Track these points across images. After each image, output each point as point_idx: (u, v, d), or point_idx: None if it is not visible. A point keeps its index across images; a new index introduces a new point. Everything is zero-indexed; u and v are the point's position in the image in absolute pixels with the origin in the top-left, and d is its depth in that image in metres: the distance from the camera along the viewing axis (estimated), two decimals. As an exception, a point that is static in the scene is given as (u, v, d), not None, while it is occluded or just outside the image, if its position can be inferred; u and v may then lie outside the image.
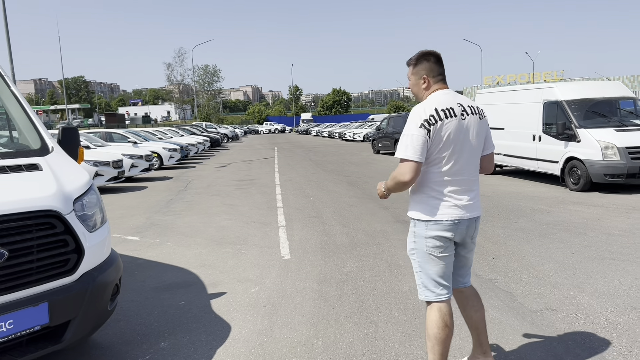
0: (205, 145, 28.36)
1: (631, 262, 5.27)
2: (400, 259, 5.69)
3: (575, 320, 3.86)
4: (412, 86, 2.86)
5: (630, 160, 9.51)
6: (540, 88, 11.91)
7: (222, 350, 3.55)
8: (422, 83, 2.80)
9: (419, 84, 2.81)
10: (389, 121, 23.03)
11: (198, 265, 5.73)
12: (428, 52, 2.82)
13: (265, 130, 73.84)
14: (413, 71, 2.84)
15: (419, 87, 2.82)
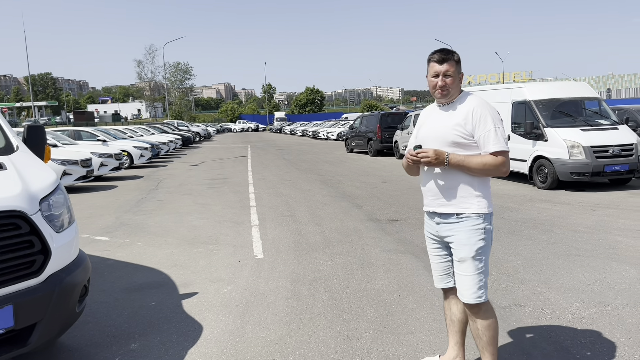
0: (176, 144, 28.05)
1: (595, 258, 5.43)
2: (372, 257, 5.73)
3: (542, 316, 3.96)
4: (453, 80, 2.71)
5: (595, 159, 9.78)
6: (509, 88, 12.15)
7: (194, 350, 3.52)
8: (460, 80, 2.79)
9: (458, 80, 2.76)
10: (362, 120, 23.14)
11: (169, 265, 5.67)
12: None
13: (238, 129, 73.33)
14: (457, 67, 2.75)
15: (457, 83, 2.75)
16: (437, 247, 2.92)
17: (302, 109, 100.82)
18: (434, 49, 2.82)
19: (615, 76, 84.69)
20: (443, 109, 2.83)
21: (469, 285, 2.71)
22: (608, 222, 7.13)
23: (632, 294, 4.36)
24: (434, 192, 2.80)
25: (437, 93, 2.77)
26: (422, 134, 2.87)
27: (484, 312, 2.76)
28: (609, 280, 4.71)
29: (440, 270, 2.94)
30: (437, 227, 2.83)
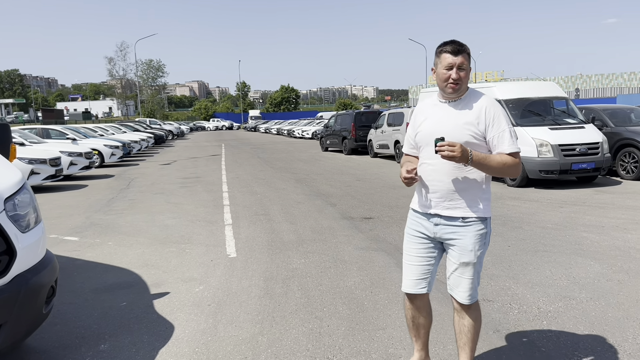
0: (149, 142, 27.67)
1: (562, 254, 5.57)
2: (345, 255, 5.77)
3: (510, 310, 4.05)
4: (466, 74, 2.56)
5: (563, 157, 10.02)
6: (479, 88, 12.33)
7: (165, 350, 3.50)
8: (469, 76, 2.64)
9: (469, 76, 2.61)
10: (336, 119, 23.20)
11: (140, 265, 5.60)
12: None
13: (212, 127, 72.72)
14: (469, 61, 2.61)
15: (468, 78, 2.60)
16: (425, 247, 2.74)
17: (277, 108, 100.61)
18: (444, 41, 2.63)
19: (584, 76, 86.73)
20: (451, 105, 2.66)
21: (467, 288, 2.70)
22: (574, 219, 7.31)
23: (596, 288, 4.49)
24: (441, 193, 2.63)
25: (449, 87, 2.58)
26: (427, 130, 2.66)
27: (474, 310, 2.79)
28: (574, 275, 4.84)
29: (418, 274, 2.76)
30: (434, 228, 2.69)
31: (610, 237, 6.22)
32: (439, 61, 2.60)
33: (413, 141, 2.82)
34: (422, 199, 2.73)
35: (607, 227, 6.71)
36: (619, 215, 7.47)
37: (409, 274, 2.80)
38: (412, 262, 2.78)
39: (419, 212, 2.78)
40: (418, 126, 2.75)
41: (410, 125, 2.87)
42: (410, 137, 2.85)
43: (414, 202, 2.83)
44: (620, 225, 6.82)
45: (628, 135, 11.12)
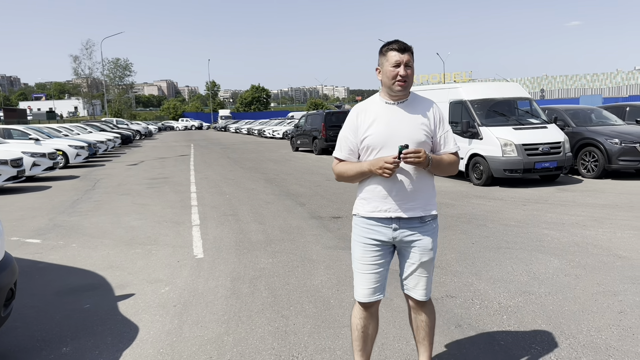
0: (115, 143, 27.16)
1: (523, 250, 5.72)
2: (313, 254, 5.80)
3: (472, 306, 4.15)
4: (412, 72, 2.58)
5: (526, 157, 10.27)
6: (446, 88, 12.54)
7: (129, 352, 3.47)
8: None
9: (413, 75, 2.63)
10: (306, 119, 23.23)
11: (105, 267, 5.52)
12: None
13: (181, 127, 71.80)
14: (414, 59, 2.61)
15: (413, 78, 2.62)
16: (380, 254, 2.68)
17: (248, 107, 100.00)
18: (388, 41, 2.64)
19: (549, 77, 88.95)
20: (400, 106, 2.63)
21: (426, 285, 2.75)
22: (537, 216, 7.52)
23: (554, 283, 4.64)
24: (402, 195, 2.59)
25: (397, 85, 2.55)
26: (381, 132, 2.58)
27: (429, 304, 2.85)
28: (534, 271, 4.99)
29: (374, 281, 2.70)
30: (394, 233, 2.63)
31: (570, 233, 6.42)
32: (385, 60, 2.58)
33: (355, 145, 2.67)
34: (379, 203, 2.62)
35: (567, 224, 6.92)
36: (579, 212, 7.71)
37: (365, 282, 2.71)
38: (368, 271, 2.69)
39: (373, 218, 2.65)
40: (366, 129, 2.62)
41: (350, 128, 2.69)
42: (351, 141, 2.68)
43: (364, 209, 2.67)
44: (579, 222, 7.05)
45: (589, 135, 11.47)
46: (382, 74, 2.62)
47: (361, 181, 2.70)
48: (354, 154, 2.69)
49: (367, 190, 2.65)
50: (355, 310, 2.83)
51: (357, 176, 2.64)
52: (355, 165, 2.63)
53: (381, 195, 2.61)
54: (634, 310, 3.95)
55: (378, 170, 2.49)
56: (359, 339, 2.84)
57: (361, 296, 2.73)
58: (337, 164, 2.74)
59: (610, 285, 4.52)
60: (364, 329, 2.81)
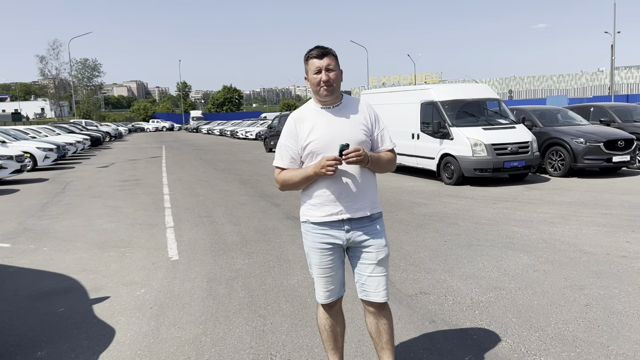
0: (85, 144, 26.68)
1: (494, 247, 5.88)
2: (289, 254, 5.85)
3: (445, 302, 4.26)
4: (336, 75, 2.62)
5: (495, 156, 10.51)
6: (418, 89, 12.72)
7: (106, 354, 3.46)
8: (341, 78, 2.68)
9: (340, 78, 2.67)
10: (280, 120, 23.23)
11: (78, 270, 5.46)
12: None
13: (152, 128, 70.81)
14: (337, 62, 2.66)
15: (340, 80, 2.66)
16: (335, 256, 2.73)
17: (220, 108, 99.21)
18: (309, 48, 2.66)
19: (517, 78, 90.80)
20: (333, 110, 2.68)
21: (384, 284, 2.73)
22: (506, 214, 7.72)
23: (524, 278, 4.79)
24: (350, 197, 2.63)
25: (323, 90, 2.59)
26: (324, 136, 2.61)
27: (388, 308, 2.82)
28: (504, 267, 5.13)
29: (334, 282, 2.76)
30: (346, 235, 2.67)
31: (538, 230, 6.62)
32: (308, 67, 2.63)
33: (296, 153, 2.68)
34: (329, 207, 2.64)
35: (536, 222, 7.13)
36: (547, 210, 7.94)
37: (325, 285, 2.76)
38: (327, 274, 2.73)
39: (325, 223, 2.67)
40: (307, 135, 2.63)
41: (289, 136, 2.69)
42: (291, 149, 2.68)
43: (314, 215, 2.69)
44: (547, 219, 7.26)
45: (555, 135, 11.80)
46: (309, 82, 2.66)
47: (307, 188, 2.69)
48: (295, 162, 2.69)
49: (316, 195, 2.66)
50: (320, 312, 2.89)
51: (302, 182, 2.64)
52: (300, 171, 2.64)
53: (331, 199, 2.63)
54: (599, 303, 4.12)
55: (322, 170, 2.51)
56: (329, 339, 2.90)
57: (324, 298, 2.79)
58: (279, 173, 2.72)
59: (576, 279, 4.70)
60: (332, 328, 2.88)
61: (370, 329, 2.84)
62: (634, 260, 5.18)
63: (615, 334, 3.54)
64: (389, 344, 2.83)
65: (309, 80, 2.66)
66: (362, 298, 2.79)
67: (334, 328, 2.88)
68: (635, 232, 6.34)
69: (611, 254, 5.43)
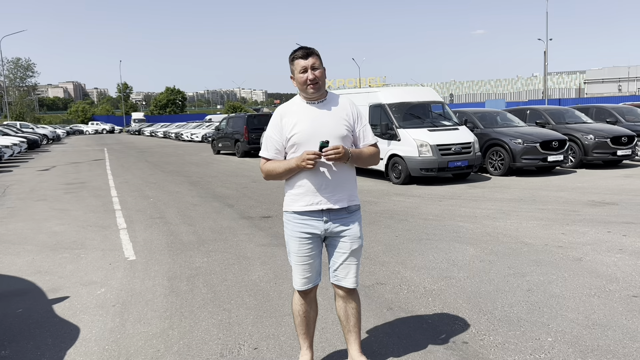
0: (22, 147, 25.51)
1: (442, 241, 6.22)
2: (247, 251, 5.96)
3: (400, 291, 4.51)
4: (321, 73, 2.79)
5: (440, 156, 10.98)
6: (366, 92, 13.10)
7: (73, 350, 3.47)
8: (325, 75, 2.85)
9: (324, 75, 2.84)
10: (228, 121, 23.12)
11: (32, 272, 5.35)
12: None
13: (91, 131, 68.45)
14: (321, 61, 2.82)
15: (324, 77, 2.83)
16: (313, 245, 2.89)
17: (163, 110, 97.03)
18: (293, 49, 2.83)
19: (457, 82, 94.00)
20: (318, 105, 2.84)
21: (354, 272, 2.94)
22: (452, 211, 8.12)
23: (471, 268, 5.12)
24: (331, 187, 2.79)
25: (310, 88, 2.76)
26: (306, 129, 2.76)
27: (357, 294, 3.04)
28: (453, 259, 5.46)
29: (310, 270, 2.92)
30: (325, 225, 2.83)
31: (482, 225, 7.03)
32: (294, 68, 2.79)
33: (280, 144, 2.84)
34: (310, 197, 2.80)
35: (480, 217, 7.56)
36: (489, 206, 8.41)
37: (302, 272, 2.92)
38: (304, 262, 2.90)
39: (304, 212, 2.83)
40: (291, 128, 2.79)
41: (275, 128, 2.86)
42: (276, 140, 2.85)
43: (295, 204, 2.86)
44: (490, 215, 7.71)
45: (495, 136, 12.45)
46: (295, 81, 2.83)
47: (289, 178, 2.86)
48: (280, 153, 2.86)
49: (298, 185, 2.82)
50: (296, 298, 3.05)
51: (285, 173, 2.81)
52: (284, 163, 2.81)
53: (312, 190, 2.79)
54: (539, 288, 4.49)
55: (302, 163, 2.68)
56: (302, 324, 3.07)
57: (300, 285, 2.95)
58: (264, 163, 2.90)
59: (519, 268, 5.07)
60: (305, 314, 3.04)
61: (339, 312, 3.05)
62: (568, 250, 5.64)
63: (555, 314, 3.90)
64: (356, 327, 3.05)
65: (295, 80, 2.82)
66: (333, 282, 2.99)
67: (307, 314, 3.05)
68: (569, 225, 6.86)
69: (549, 245, 5.88)
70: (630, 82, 74.47)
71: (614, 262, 5.13)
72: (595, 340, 3.41)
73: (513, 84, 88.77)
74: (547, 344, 3.40)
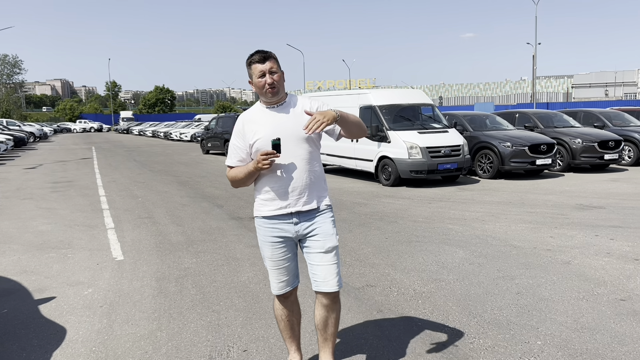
0: (8, 145, 25.20)
1: (431, 243, 6.23)
2: (237, 252, 5.92)
3: (390, 293, 4.51)
4: (279, 77, 2.74)
5: (430, 159, 11.02)
6: (357, 94, 13.10)
7: (59, 352, 3.42)
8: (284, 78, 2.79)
9: (283, 78, 2.79)
10: (217, 121, 23.03)
11: (18, 272, 5.28)
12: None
13: (79, 129, 67.79)
14: (279, 64, 2.77)
15: (283, 80, 2.78)
16: (287, 248, 2.86)
17: (152, 109, 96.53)
18: (250, 53, 2.78)
19: (446, 85, 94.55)
20: (277, 109, 2.80)
21: (335, 273, 2.81)
22: (441, 213, 8.15)
23: (461, 270, 5.13)
24: (299, 190, 2.76)
25: (268, 92, 2.71)
26: (268, 134, 2.71)
27: (339, 301, 2.90)
28: (442, 261, 5.47)
29: (286, 274, 2.89)
30: (295, 228, 2.80)
31: (472, 227, 7.05)
32: (252, 72, 2.75)
33: (245, 152, 2.80)
34: (278, 201, 2.77)
35: (469, 220, 7.59)
36: (478, 209, 8.45)
37: (279, 277, 2.89)
38: (280, 266, 2.86)
39: (274, 216, 2.80)
40: (254, 134, 2.75)
41: (238, 136, 2.83)
42: (240, 148, 2.82)
43: (263, 209, 2.82)
44: (479, 217, 7.74)
45: (484, 139, 12.52)
46: (254, 86, 2.79)
47: (257, 183, 2.83)
48: (244, 161, 2.81)
49: (265, 190, 2.80)
50: (276, 303, 3.01)
51: (247, 177, 2.76)
52: (243, 168, 2.77)
53: (279, 193, 2.76)
54: (528, 291, 4.51)
55: (258, 165, 2.62)
56: (286, 328, 3.04)
57: (278, 289, 2.92)
58: (229, 171, 2.88)
59: (508, 271, 5.09)
60: (288, 318, 3.01)
61: (318, 320, 2.93)
62: (557, 253, 5.67)
63: (544, 317, 3.91)
64: (333, 337, 2.95)
65: (253, 84, 2.78)
66: (314, 289, 2.87)
67: (290, 317, 3.02)
68: (557, 228, 6.90)
69: (537, 248, 5.91)
70: (617, 87, 75.40)
71: (602, 266, 5.17)
72: (584, 344, 3.43)
73: (502, 87, 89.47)
74: (536, 347, 3.41)
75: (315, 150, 2.84)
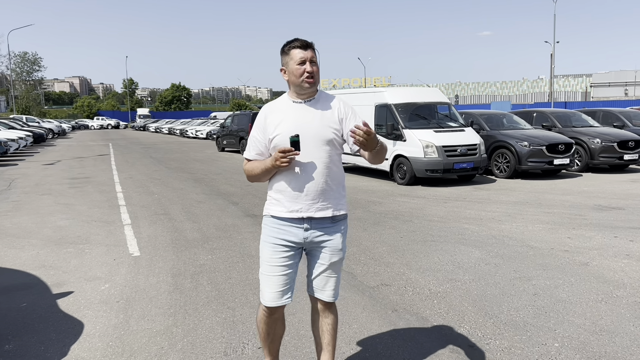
0: (27, 141, 25.56)
1: (447, 243, 6.19)
2: (252, 250, 5.94)
3: (405, 292, 4.49)
4: (318, 69, 2.57)
5: (446, 158, 10.95)
6: (372, 92, 13.06)
7: (77, 346, 3.46)
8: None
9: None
10: (233, 119, 23.13)
11: (37, 266, 5.35)
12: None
13: (96, 126, 68.60)
14: (317, 56, 2.59)
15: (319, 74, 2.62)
16: (290, 255, 2.61)
17: (168, 106, 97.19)
18: (287, 40, 2.59)
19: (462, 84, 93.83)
20: (308, 104, 2.60)
21: (336, 285, 2.72)
22: (457, 213, 8.09)
23: (477, 271, 5.09)
24: (313, 194, 2.53)
25: (305, 82, 2.52)
26: (286, 132, 2.51)
27: (335, 308, 2.81)
28: (458, 261, 5.43)
29: (283, 284, 2.63)
30: (305, 234, 2.58)
31: (488, 227, 6.99)
32: (290, 58, 2.54)
33: (264, 145, 2.62)
34: (290, 204, 2.55)
35: (485, 219, 7.52)
36: (494, 209, 8.37)
37: (273, 285, 2.62)
38: (277, 273, 2.60)
39: (284, 218, 2.58)
40: (275, 128, 2.55)
41: (259, 128, 2.63)
42: (259, 141, 2.63)
43: (275, 209, 2.61)
44: (495, 217, 7.67)
45: (501, 138, 12.40)
46: (288, 74, 2.58)
47: (271, 180, 2.64)
48: (262, 155, 2.63)
49: (277, 189, 2.59)
50: (261, 314, 2.77)
51: (263, 174, 2.58)
52: (260, 163, 2.58)
53: (293, 195, 2.54)
54: (545, 292, 4.45)
55: (276, 163, 2.43)
56: (265, 339, 2.84)
57: (268, 300, 2.65)
58: (246, 164, 2.69)
59: (525, 271, 5.04)
60: (269, 331, 2.80)
61: (314, 327, 2.83)
62: (575, 254, 5.60)
63: (561, 319, 3.86)
64: (329, 346, 2.78)
65: (288, 72, 2.57)
66: (310, 294, 2.76)
67: (272, 331, 2.81)
68: (575, 229, 6.81)
69: (555, 249, 5.84)
70: (637, 86, 74.15)
71: (621, 268, 5.09)
72: (603, 347, 3.38)
73: (519, 86, 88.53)
74: (553, 349, 3.37)
75: (336, 154, 2.62)
